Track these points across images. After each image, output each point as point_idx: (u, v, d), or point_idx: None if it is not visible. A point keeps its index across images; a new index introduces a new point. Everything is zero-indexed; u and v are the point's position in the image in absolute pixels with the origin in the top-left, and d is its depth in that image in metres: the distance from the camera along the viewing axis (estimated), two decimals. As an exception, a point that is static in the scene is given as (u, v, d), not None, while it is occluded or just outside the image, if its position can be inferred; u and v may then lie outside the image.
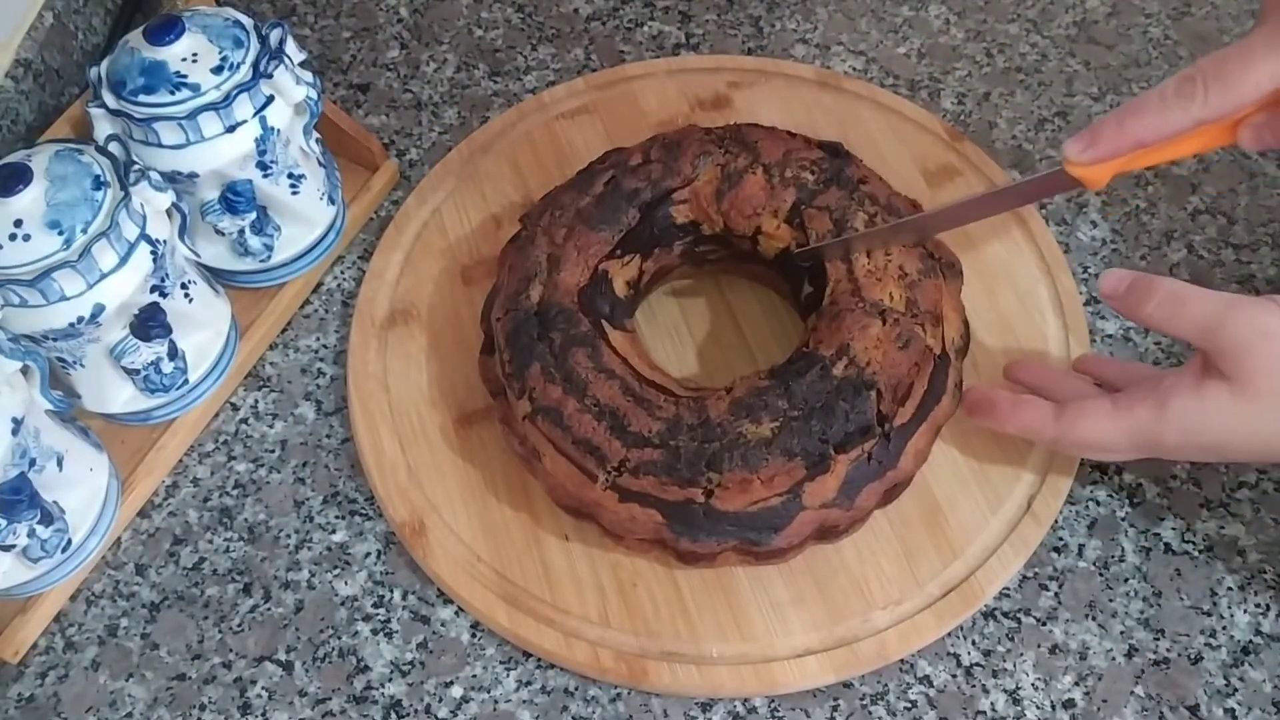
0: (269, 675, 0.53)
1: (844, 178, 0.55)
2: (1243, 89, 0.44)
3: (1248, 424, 0.44)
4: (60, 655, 0.54)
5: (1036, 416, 0.50)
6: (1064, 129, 0.69)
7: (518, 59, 0.74)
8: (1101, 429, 0.48)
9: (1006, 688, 0.52)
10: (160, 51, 0.54)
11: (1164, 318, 0.46)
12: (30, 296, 0.49)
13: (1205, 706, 0.51)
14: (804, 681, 0.51)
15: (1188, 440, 0.46)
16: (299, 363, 0.63)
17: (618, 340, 0.53)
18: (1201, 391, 0.45)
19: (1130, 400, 0.47)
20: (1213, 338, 0.44)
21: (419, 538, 0.55)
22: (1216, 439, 0.46)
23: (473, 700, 0.52)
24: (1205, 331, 0.45)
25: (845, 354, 0.50)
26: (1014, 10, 0.75)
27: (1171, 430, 0.46)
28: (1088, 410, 0.48)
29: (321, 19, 0.77)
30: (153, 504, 0.58)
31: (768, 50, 0.74)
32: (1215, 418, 0.45)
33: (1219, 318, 0.44)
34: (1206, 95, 0.44)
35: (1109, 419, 0.48)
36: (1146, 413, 0.47)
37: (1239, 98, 0.44)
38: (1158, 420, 0.46)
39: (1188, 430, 0.46)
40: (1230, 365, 0.44)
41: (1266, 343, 0.43)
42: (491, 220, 0.65)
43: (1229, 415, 0.44)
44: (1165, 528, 0.55)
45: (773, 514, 0.49)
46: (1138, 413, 0.47)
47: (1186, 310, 0.45)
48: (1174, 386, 0.46)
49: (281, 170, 0.59)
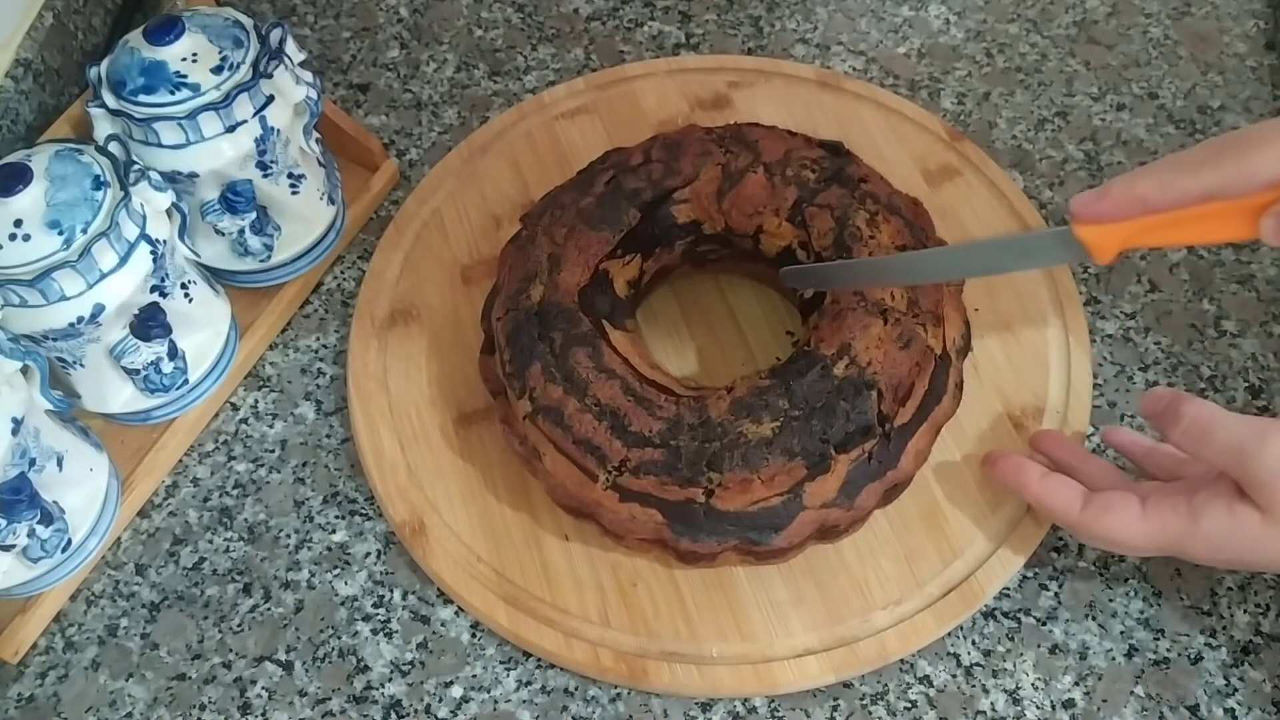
0: (269, 675, 0.53)
1: (845, 176, 0.55)
2: (1258, 165, 0.41)
3: (1277, 547, 0.44)
4: (60, 655, 0.54)
5: (1063, 500, 0.49)
6: (1064, 129, 0.69)
7: (518, 59, 0.74)
8: (1130, 529, 0.47)
9: (1006, 688, 0.52)
10: (160, 51, 0.54)
11: (1191, 445, 0.46)
12: (30, 296, 0.49)
13: (1205, 706, 0.51)
14: (804, 681, 0.51)
15: (1215, 555, 0.46)
16: (299, 363, 0.63)
17: (618, 340, 0.53)
18: (1233, 514, 0.45)
19: (1161, 509, 0.47)
20: (1241, 469, 0.44)
21: (419, 537, 0.55)
22: (1245, 557, 0.46)
23: (473, 700, 0.52)
24: (1234, 463, 0.45)
25: (846, 354, 0.50)
26: (1014, 10, 0.75)
27: (1199, 544, 0.46)
28: (1115, 507, 0.48)
29: (321, 19, 0.77)
30: (153, 504, 0.58)
31: (768, 50, 0.74)
32: (1244, 540, 0.45)
33: (1247, 450, 0.44)
34: (1219, 163, 0.41)
35: (1138, 522, 0.47)
36: (1177, 525, 0.46)
37: (1254, 174, 0.41)
38: (1187, 534, 0.46)
39: (1217, 547, 0.46)
40: (1261, 496, 0.44)
41: None
42: (492, 220, 0.65)
43: (1259, 538, 0.44)
44: (1165, 528, 0.55)
45: (773, 514, 0.49)
46: (1168, 523, 0.46)
47: (1211, 439, 0.45)
48: (1206, 505, 0.46)
49: (281, 170, 0.59)
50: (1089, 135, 0.69)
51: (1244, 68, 0.72)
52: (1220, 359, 0.60)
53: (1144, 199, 0.43)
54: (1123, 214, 0.43)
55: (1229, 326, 0.61)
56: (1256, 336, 0.61)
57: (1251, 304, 0.62)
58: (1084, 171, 0.67)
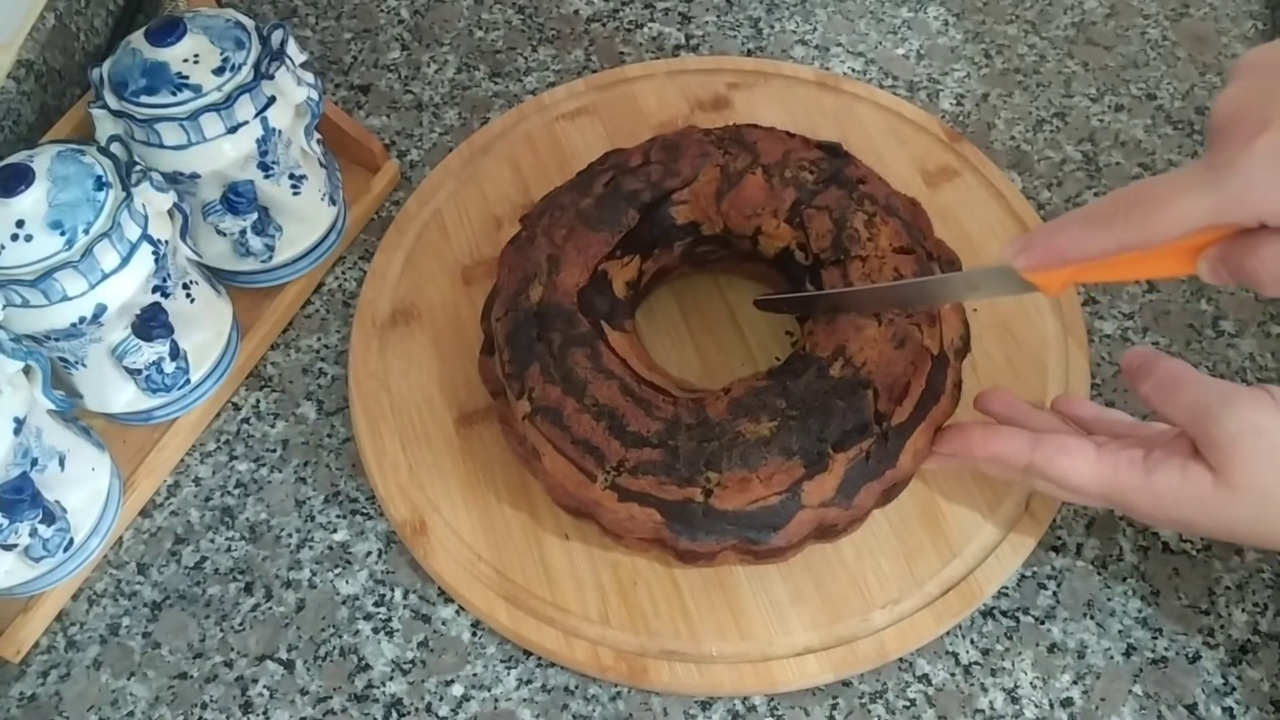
0: (270, 674, 0.53)
1: (843, 177, 0.56)
2: (1166, 221, 0.40)
3: (1222, 513, 0.44)
4: (62, 654, 0.54)
5: (1012, 444, 0.48)
6: (1062, 129, 0.69)
7: (518, 60, 0.74)
8: (1081, 472, 0.47)
9: (1005, 686, 0.52)
10: (162, 52, 0.54)
11: (1158, 398, 0.46)
12: (32, 297, 0.49)
13: (1203, 705, 0.51)
14: (803, 680, 0.51)
15: (1159, 512, 0.46)
16: (300, 363, 0.63)
17: (617, 341, 0.54)
18: (1186, 473, 0.44)
19: (1115, 457, 0.46)
20: (1201, 427, 0.44)
21: (420, 537, 0.55)
22: (1189, 518, 0.46)
23: (473, 699, 0.52)
24: (1195, 420, 0.44)
25: (841, 354, 0.50)
26: (1012, 11, 0.75)
27: (1147, 499, 0.46)
28: (1070, 449, 0.47)
29: (323, 20, 0.77)
30: (154, 503, 0.58)
31: (767, 51, 0.74)
32: (1192, 501, 0.45)
33: (1211, 409, 0.44)
34: (1127, 221, 0.40)
35: (1091, 465, 0.47)
36: (1129, 475, 0.46)
37: (1163, 229, 0.40)
38: (1137, 488, 0.46)
39: (1163, 505, 0.46)
40: (1215, 457, 0.44)
41: (1253, 439, 0.43)
42: (492, 221, 0.65)
43: (1206, 502, 0.44)
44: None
45: (771, 513, 0.49)
46: (1121, 472, 0.46)
47: (1179, 395, 0.45)
48: (1161, 461, 0.45)
49: (283, 171, 0.59)
50: (1087, 136, 0.69)
51: (1242, 69, 0.72)
52: (1218, 359, 0.60)
53: (1062, 253, 0.42)
54: (1046, 265, 0.43)
55: (1227, 327, 0.61)
56: (1254, 337, 0.61)
57: (1249, 304, 0.62)
58: (1082, 172, 0.68)
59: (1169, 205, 0.40)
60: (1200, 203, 0.39)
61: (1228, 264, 0.40)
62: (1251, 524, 0.44)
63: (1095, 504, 0.49)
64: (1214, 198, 0.38)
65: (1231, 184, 0.38)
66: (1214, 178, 0.39)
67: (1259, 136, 0.38)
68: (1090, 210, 0.42)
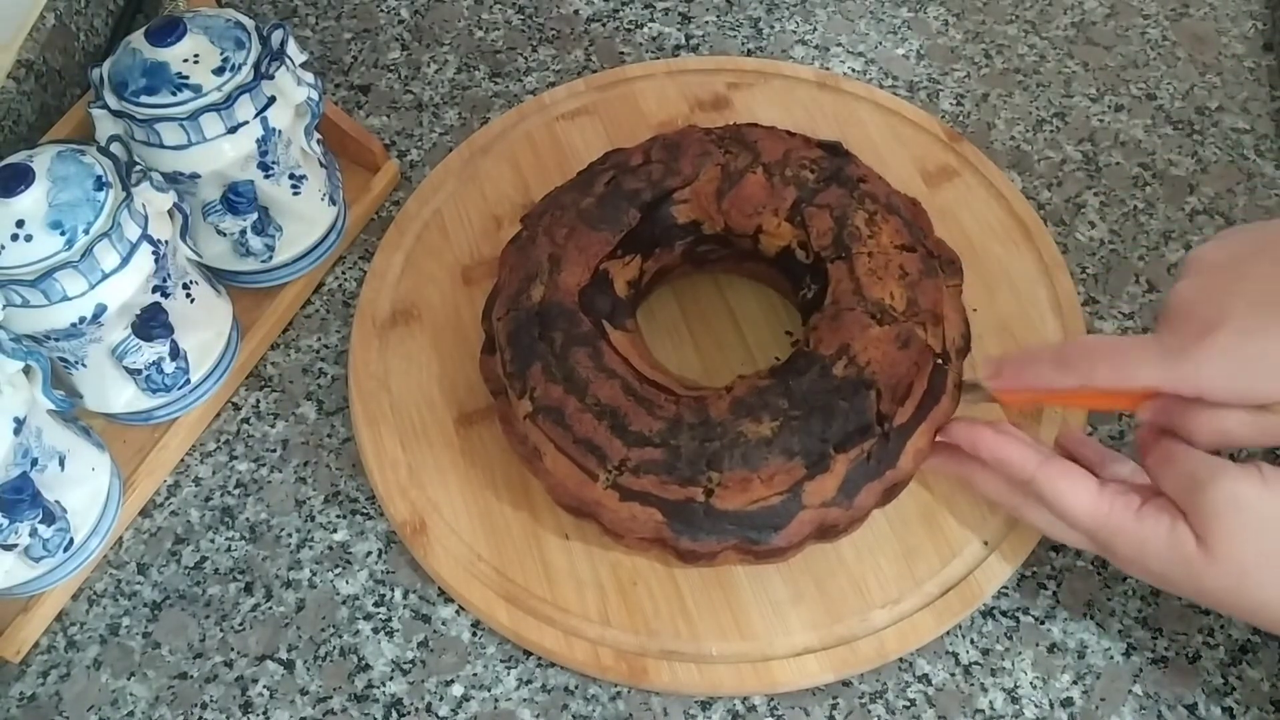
0: (270, 674, 0.53)
1: (844, 176, 0.56)
2: (1122, 378, 0.46)
3: (1200, 580, 0.45)
4: (62, 654, 0.54)
5: (1021, 453, 0.49)
6: (1062, 129, 0.69)
7: (518, 60, 0.74)
8: (1079, 500, 0.47)
9: (1005, 686, 0.52)
10: (162, 52, 0.54)
11: (1154, 467, 0.47)
12: (32, 297, 0.49)
13: (1203, 705, 0.51)
14: (803, 680, 0.51)
15: (1140, 560, 0.47)
16: (300, 362, 0.63)
17: (618, 340, 0.54)
18: (1174, 531, 0.45)
19: (1115, 497, 0.47)
20: (1189, 496, 0.45)
21: (420, 537, 0.55)
22: (1166, 574, 0.46)
23: (473, 699, 0.52)
24: (1184, 490, 0.45)
25: (845, 354, 0.50)
26: (1012, 11, 0.75)
27: (1132, 545, 0.47)
28: (1074, 475, 0.48)
29: (323, 20, 0.77)
30: (154, 503, 0.58)
31: (767, 51, 0.74)
32: (1173, 560, 0.45)
33: (1199, 479, 0.45)
34: (1092, 371, 0.47)
35: (1089, 496, 0.47)
36: (1121, 517, 0.47)
37: (1118, 382, 0.46)
38: (1125, 531, 0.46)
39: (1145, 554, 0.46)
40: (1200, 526, 0.45)
41: (1236, 513, 0.44)
42: (492, 220, 0.65)
43: (1187, 564, 0.45)
44: (1163, 527, 0.55)
45: (772, 513, 0.49)
46: (1115, 512, 0.47)
47: (1172, 465, 0.46)
48: (1154, 514, 0.46)
49: (283, 171, 0.59)
50: (1087, 136, 0.69)
51: (1242, 69, 0.72)
52: (1218, 359, 0.60)
53: (1029, 384, 0.49)
54: (1013, 390, 0.50)
55: (1227, 326, 0.61)
56: (1254, 336, 0.61)
57: (1249, 304, 0.62)
58: (1082, 172, 0.68)
59: (1127, 367, 0.46)
60: (1154, 373, 0.45)
61: (1167, 416, 0.47)
62: (1227, 595, 0.45)
63: (1076, 540, 0.49)
64: (1166, 374, 0.45)
65: (1183, 369, 0.44)
66: (1168, 359, 0.45)
67: (1208, 336, 0.44)
68: (1058, 352, 0.48)
